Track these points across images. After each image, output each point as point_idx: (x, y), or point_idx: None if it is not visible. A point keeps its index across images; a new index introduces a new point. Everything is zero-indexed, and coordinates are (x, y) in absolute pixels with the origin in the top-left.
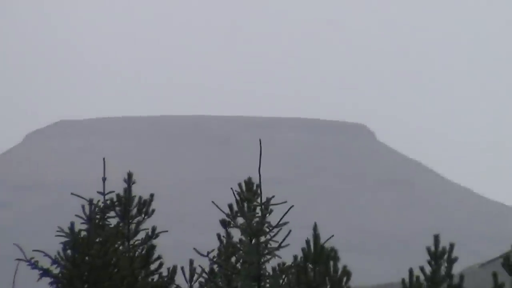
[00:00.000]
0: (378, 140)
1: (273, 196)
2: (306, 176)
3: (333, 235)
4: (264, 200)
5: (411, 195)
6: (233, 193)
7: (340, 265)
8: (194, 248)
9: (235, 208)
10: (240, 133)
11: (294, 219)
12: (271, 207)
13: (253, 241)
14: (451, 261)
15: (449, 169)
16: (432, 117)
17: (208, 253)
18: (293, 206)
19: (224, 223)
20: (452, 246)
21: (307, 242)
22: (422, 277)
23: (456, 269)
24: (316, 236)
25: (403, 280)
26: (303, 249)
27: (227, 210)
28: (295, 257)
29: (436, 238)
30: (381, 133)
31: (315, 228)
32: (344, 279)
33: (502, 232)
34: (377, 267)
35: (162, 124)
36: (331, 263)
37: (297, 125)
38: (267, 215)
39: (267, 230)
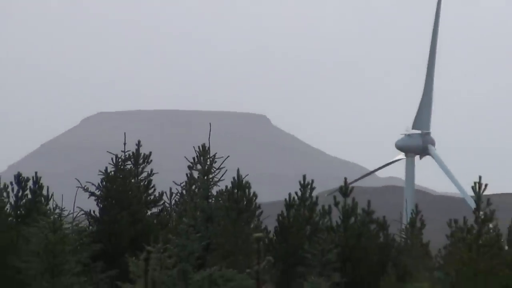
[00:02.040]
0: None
1: (216, 153)
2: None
3: (247, 174)
4: (212, 154)
5: (292, 156)
6: (195, 151)
7: (252, 191)
8: (173, 181)
9: (196, 160)
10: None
11: (227, 166)
12: (215, 159)
13: (205, 177)
14: (312, 189)
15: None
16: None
17: (181, 183)
18: (228, 156)
19: (190, 168)
20: (312, 181)
21: (234, 178)
22: (296, 198)
23: (314, 194)
24: (239, 175)
25: (285, 199)
26: (232, 181)
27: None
28: (226, 186)
29: (304, 177)
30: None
31: (238, 171)
32: (254, 198)
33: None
34: (272, 193)
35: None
36: (247, 190)
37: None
38: (213, 163)
39: (213, 171)
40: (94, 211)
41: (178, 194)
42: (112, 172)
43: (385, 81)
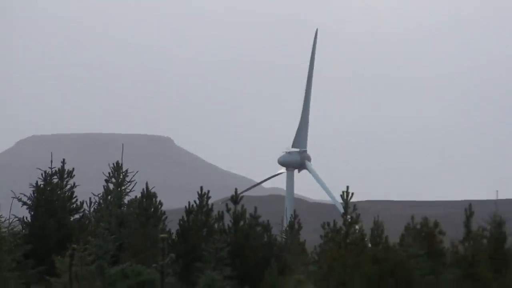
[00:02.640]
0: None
1: (127, 168)
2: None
3: (154, 186)
4: (124, 170)
5: (192, 171)
6: (110, 167)
7: (158, 200)
8: (92, 192)
9: (111, 174)
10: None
11: (137, 179)
12: (127, 173)
13: (118, 188)
14: (208, 198)
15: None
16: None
17: (98, 194)
18: (138, 171)
19: (107, 181)
20: (208, 191)
21: (143, 189)
22: (195, 205)
23: (209, 202)
24: (147, 187)
25: (185, 206)
26: (141, 192)
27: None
28: (136, 196)
29: (201, 188)
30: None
31: (146, 183)
32: (160, 206)
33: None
34: (175, 202)
35: None
36: (154, 199)
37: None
38: (125, 177)
39: (125, 183)
40: (26, 218)
41: (96, 203)
42: (42, 185)
43: (269, 107)
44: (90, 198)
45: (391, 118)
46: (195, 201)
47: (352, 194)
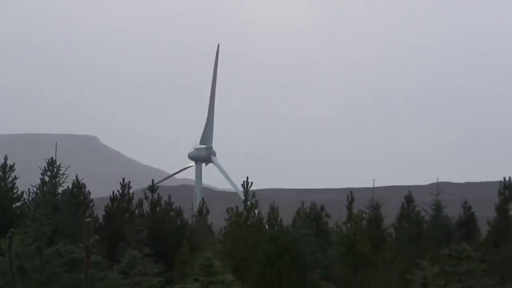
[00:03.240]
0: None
1: (60, 163)
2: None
3: (83, 178)
4: (57, 165)
5: (116, 165)
6: (46, 162)
7: (87, 190)
8: (30, 184)
9: (47, 168)
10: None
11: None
12: (60, 167)
13: (53, 180)
14: (129, 188)
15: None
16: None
17: (36, 185)
18: (69, 165)
19: (43, 174)
20: (129, 182)
21: (74, 181)
22: (118, 194)
23: (131, 191)
24: (77, 179)
25: (110, 195)
26: (72, 183)
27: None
28: (68, 186)
29: (123, 179)
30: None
31: (76, 176)
32: (88, 194)
33: None
34: (102, 191)
35: None
36: (83, 189)
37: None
38: (59, 171)
39: (59, 176)
40: None
41: (34, 193)
42: None
43: (181, 109)
44: (29, 189)
45: (283, 117)
46: (118, 191)
47: (251, 183)
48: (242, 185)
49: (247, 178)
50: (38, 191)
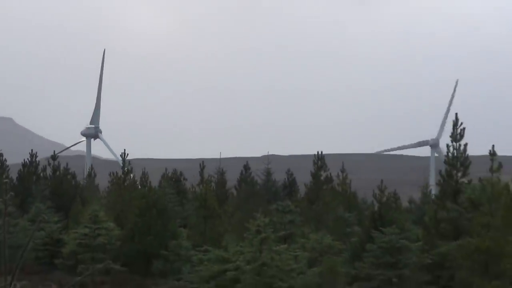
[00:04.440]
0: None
1: None
2: None
3: (1, 149)
4: None
5: (28, 144)
6: None
7: None
8: None
9: None
10: None
11: None
12: None
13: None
14: (37, 159)
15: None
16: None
17: None
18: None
19: None
20: (36, 153)
21: None
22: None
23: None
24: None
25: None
26: None
27: None
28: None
29: (34, 153)
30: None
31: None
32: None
33: None
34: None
35: None
36: (1, 158)
37: None
38: None
39: None
40: None
41: None
42: None
43: (77, 95)
44: None
45: (161, 99)
46: (28, 159)
47: (128, 154)
48: (121, 155)
49: (125, 150)
50: None
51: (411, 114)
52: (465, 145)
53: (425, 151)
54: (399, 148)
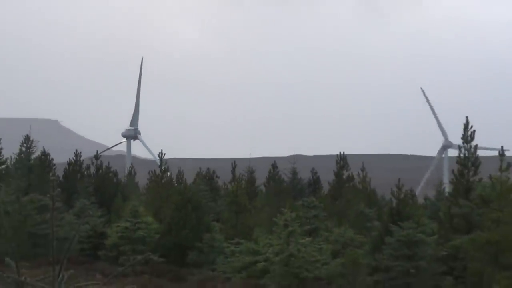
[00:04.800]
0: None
1: (32, 139)
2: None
3: (49, 149)
4: (30, 140)
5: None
6: (22, 139)
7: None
8: (13, 153)
9: (23, 143)
10: None
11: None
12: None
13: (28, 150)
14: (81, 158)
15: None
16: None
17: (16, 154)
18: (39, 141)
19: (21, 146)
20: (80, 152)
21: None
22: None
23: (82, 159)
24: (44, 150)
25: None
26: (41, 152)
27: None
28: (38, 155)
29: (78, 151)
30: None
31: (43, 147)
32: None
33: None
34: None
35: None
36: (48, 157)
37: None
38: (32, 144)
39: (32, 148)
40: None
41: (15, 159)
42: None
43: (119, 99)
44: (10, 156)
45: (195, 102)
46: (73, 158)
47: (164, 154)
48: (158, 155)
49: (162, 150)
50: (16, 157)
51: (423, 118)
52: (476, 146)
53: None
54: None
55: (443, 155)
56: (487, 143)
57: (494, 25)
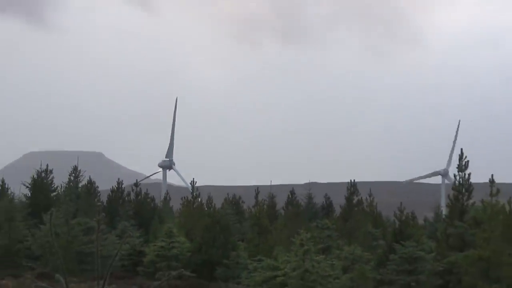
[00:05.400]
0: (106, 157)
1: (80, 169)
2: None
3: (95, 181)
4: (78, 170)
5: (116, 173)
6: (71, 169)
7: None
8: (62, 181)
9: (72, 172)
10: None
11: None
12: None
13: (76, 179)
14: (123, 186)
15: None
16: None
17: (65, 182)
18: (85, 170)
19: (69, 175)
20: (122, 181)
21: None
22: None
23: (124, 187)
24: (90, 179)
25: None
26: (87, 181)
27: None
28: (85, 183)
29: (120, 179)
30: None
31: (90, 176)
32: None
33: None
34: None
35: None
36: (93, 185)
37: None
38: (80, 174)
39: (80, 177)
40: (27, 194)
41: (64, 187)
42: (37, 178)
43: (155, 134)
44: (60, 185)
45: (222, 137)
46: (115, 186)
47: (196, 182)
48: (190, 183)
49: (193, 178)
50: (66, 185)
51: (424, 147)
52: (469, 174)
53: (436, 180)
54: (420, 177)
55: (445, 182)
56: (479, 171)
57: (483, 69)
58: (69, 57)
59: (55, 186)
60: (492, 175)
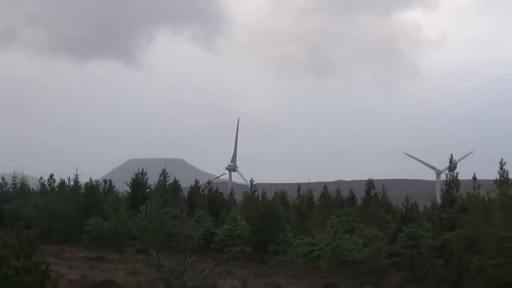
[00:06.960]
0: (186, 162)
1: (167, 172)
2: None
3: (179, 182)
4: (166, 173)
5: (198, 177)
6: (160, 174)
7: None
8: (153, 182)
9: (160, 175)
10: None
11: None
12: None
13: (164, 183)
14: (201, 191)
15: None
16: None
17: (155, 182)
18: (172, 172)
19: (160, 178)
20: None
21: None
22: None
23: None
24: (175, 180)
25: None
26: (173, 180)
27: None
28: (172, 183)
29: (195, 179)
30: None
31: (175, 177)
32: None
33: None
34: None
35: None
36: (177, 184)
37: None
38: (167, 176)
39: (167, 179)
40: (128, 191)
41: (155, 185)
42: (135, 180)
43: (221, 146)
44: (153, 184)
45: (275, 143)
46: (193, 184)
47: (254, 180)
48: (250, 181)
49: (252, 178)
50: (157, 184)
51: (425, 152)
52: (457, 173)
53: (431, 177)
54: (418, 160)
55: (436, 179)
56: (464, 171)
57: (470, 94)
58: (156, 87)
59: (149, 185)
60: (474, 173)
